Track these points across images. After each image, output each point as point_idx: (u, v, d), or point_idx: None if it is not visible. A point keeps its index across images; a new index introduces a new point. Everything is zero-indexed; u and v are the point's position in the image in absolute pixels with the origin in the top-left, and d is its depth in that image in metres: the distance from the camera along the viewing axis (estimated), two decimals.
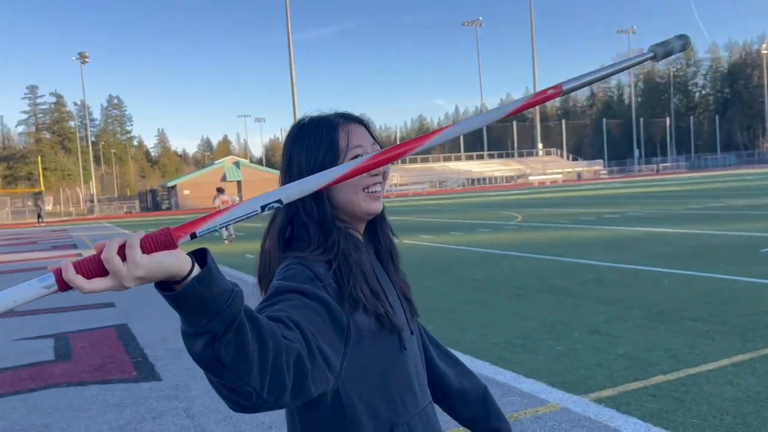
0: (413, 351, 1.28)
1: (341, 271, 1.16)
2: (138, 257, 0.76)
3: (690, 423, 3.43)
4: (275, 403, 0.96)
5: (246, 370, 0.88)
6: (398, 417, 1.19)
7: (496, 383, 4.27)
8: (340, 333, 1.09)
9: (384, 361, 1.19)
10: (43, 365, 5.43)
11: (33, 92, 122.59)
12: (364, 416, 1.15)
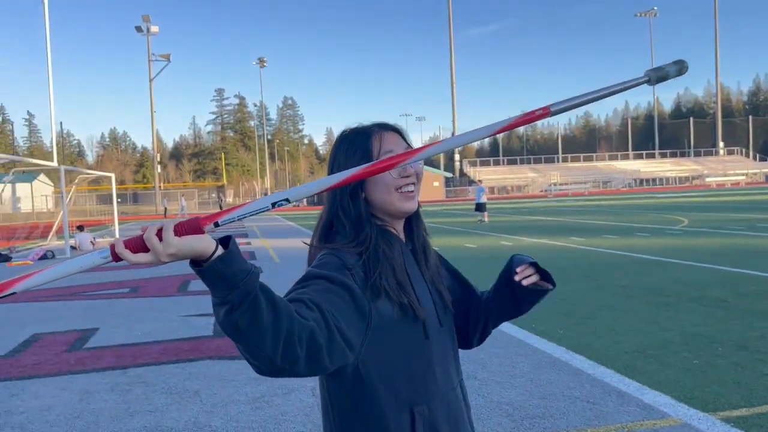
0: (440, 340, 1.38)
1: (370, 262, 1.31)
2: (171, 238, 0.97)
3: None
4: (291, 370, 1.13)
5: (260, 337, 1.06)
6: (419, 398, 1.31)
7: (617, 392, 4.14)
8: (361, 316, 1.24)
9: (407, 346, 1.31)
10: (201, 339, 6.13)
11: (220, 95, 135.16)
12: (383, 392, 1.28)
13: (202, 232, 1.00)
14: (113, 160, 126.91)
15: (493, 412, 3.89)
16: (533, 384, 4.39)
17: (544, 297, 1.49)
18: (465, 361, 4.64)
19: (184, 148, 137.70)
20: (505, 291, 1.49)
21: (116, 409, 4.22)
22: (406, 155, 1.09)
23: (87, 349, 5.97)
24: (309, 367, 1.16)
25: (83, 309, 8.14)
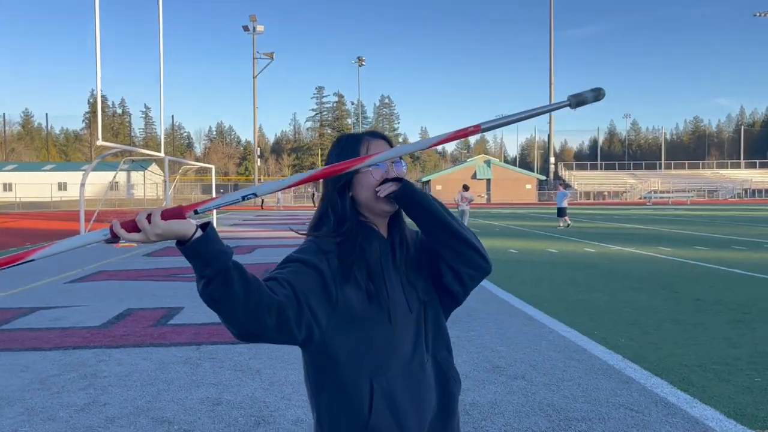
0: (407, 323, 1.55)
1: (345, 251, 1.50)
2: (158, 221, 1.21)
3: None
4: (261, 336, 1.36)
5: (232, 306, 1.29)
6: (379, 372, 1.49)
7: (665, 403, 4.10)
8: (328, 297, 1.44)
9: (371, 328, 1.50)
10: None
11: (320, 92, 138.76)
12: (346, 365, 1.47)
13: (183, 218, 1.24)
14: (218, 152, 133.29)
15: (532, 412, 3.97)
16: (580, 388, 4.41)
17: (410, 202, 1.53)
18: (517, 362, 4.70)
19: (285, 143, 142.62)
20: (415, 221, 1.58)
21: (185, 379, 4.64)
22: (354, 162, 1.28)
23: (170, 325, 6.51)
24: (278, 335, 1.37)
25: (174, 289, 8.81)
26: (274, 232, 21.91)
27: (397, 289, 1.56)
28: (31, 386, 4.47)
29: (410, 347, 1.56)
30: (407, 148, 1.24)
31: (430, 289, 1.64)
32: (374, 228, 1.59)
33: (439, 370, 1.61)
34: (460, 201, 19.50)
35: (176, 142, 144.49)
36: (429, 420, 1.56)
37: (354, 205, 1.57)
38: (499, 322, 6.54)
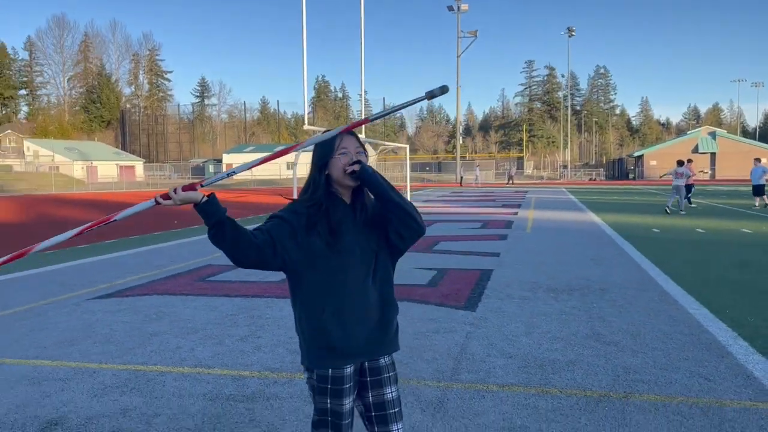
0: (357, 264, 2.23)
1: (312, 210, 2.24)
2: (180, 192, 2.08)
3: None
4: (250, 264, 2.16)
5: (227, 246, 2.11)
6: (332, 295, 2.21)
7: (746, 374, 4.16)
8: (296, 241, 2.20)
9: (329, 265, 2.22)
10: (414, 287, 7.38)
11: (530, 66, 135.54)
12: (308, 287, 2.22)
13: (195, 190, 2.09)
14: (429, 131, 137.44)
15: (602, 370, 4.31)
16: (665, 357, 4.60)
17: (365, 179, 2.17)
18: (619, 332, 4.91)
19: (492, 120, 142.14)
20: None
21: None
22: (285, 151, 2.03)
23: None
24: (261, 265, 2.17)
25: None
26: (460, 208, 22.76)
27: (354, 239, 2.26)
28: (213, 321, 5.86)
29: (360, 281, 2.26)
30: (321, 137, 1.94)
31: (381, 241, 2.31)
32: (340, 197, 2.30)
33: (381, 299, 2.29)
34: (674, 176, 18.65)
35: (390, 122, 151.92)
36: (370, 329, 2.26)
37: (329, 180, 2.30)
38: (629, 296, 6.67)
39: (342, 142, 2.26)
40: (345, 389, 2.23)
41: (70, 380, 4.25)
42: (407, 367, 4.45)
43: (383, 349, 2.31)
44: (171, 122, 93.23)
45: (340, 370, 2.22)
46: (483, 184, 50.71)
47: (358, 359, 2.25)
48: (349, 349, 2.21)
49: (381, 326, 2.28)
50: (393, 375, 2.34)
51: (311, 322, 2.24)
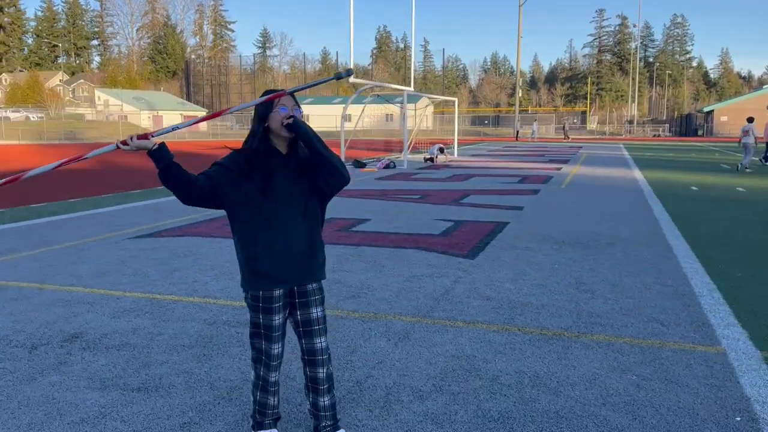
0: (288, 206, 2.65)
1: (252, 157, 2.67)
2: (135, 139, 2.55)
3: None
4: (195, 202, 2.63)
5: (172, 186, 2.58)
6: (265, 228, 2.66)
7: (708, 326, 4.42)
8: (233, 184, 2.64)
9: (262, 205, 2.66)
10: (426, 236, 7.79)
11: (600, 15, 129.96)
12: (243, 223, 2.67)
13: (148, 139, 2.55)
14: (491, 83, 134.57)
15: (567, 314, 4.66)
16: (634, 305, 4.89)
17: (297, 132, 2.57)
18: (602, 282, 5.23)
19: (559, 72, 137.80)
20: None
21: (334, 269, 6.19)
22: (218, 113, 2.46)
23: (349, 230, 8.19)
24: (203, 203, 2.63)
25: (376, 205, 10.57)
26: (504, 162, 22.74)
27: (286, 185, 2.68)
28: (232, 260, 6.45)
29: (289, 220, 2.69)
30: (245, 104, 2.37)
31: (311, 187, 2.74)
32: (276, 148, 2.72)
33: (308, 236, 2.72)
34: (742, 135, 18.19)
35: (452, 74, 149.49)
36: (296, 260, 2.70)
37: (267, 132, 2.72)
38: (630, 251, 6.88)
39: (280, 100, 2.66)
40: (274, 308, 2.70)
41: (95, 304, 4.92)
42: (389, 304, 4.92)
43: (308, 278, 2.74)
44: (233, 73, 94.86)
45: (269, 292, 2.68)
46: (540, 138, 49.84)
47: (285, 285, 2.70)
48: (276, 275, 2.66)
49: (307, 258, 2.72)
50: (319, 298, 2.79)
51: (245, 252, 2.70)
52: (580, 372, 3.61)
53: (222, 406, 3.19)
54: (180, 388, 3.39)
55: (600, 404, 3.20)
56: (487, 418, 3.06)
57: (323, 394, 2.81)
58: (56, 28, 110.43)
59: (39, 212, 9.93)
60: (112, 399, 3.26)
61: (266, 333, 2.72)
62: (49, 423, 3.00)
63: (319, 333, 2.78)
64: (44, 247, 7.12)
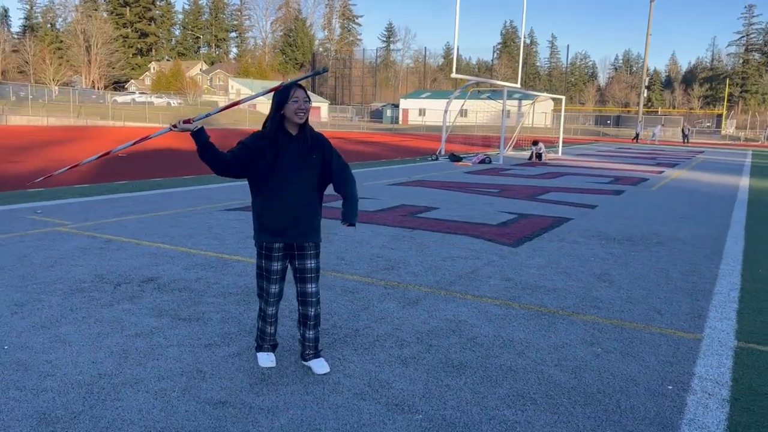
0: (294, 180, 3.36)
1: (267, 139, 3.42)
2: (181, 123, 3.38)
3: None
4: (223, 173, 3.41)
5: (208, 160, 3.39)
6: (270, 197, 3.40)
7: (700, 317, 4.68)
8: (253, 160, 3.40)
9: (270, 177, 3.39)
10: (483, 226, 8.27)
11: (750, 12, 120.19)
12: (258, 190, 3.44)
13: (190, 123, 3.38)
14: (621, 82, 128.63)
15: (573, 297, 5.06)
16: (643, 295, 5.18)
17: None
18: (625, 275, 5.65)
19: (698, 72, 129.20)
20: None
21: (382, 246, 6.91)
22: (236, 103, 3.24)
23: (414, 216, 8.84)
24: (229, 173, 3.41)
25: (450, 196, 11.13)
26: (607, 163, 22.26)
27: (293, 161, 3.41)
28: None
29: (292, 189, 3.42)
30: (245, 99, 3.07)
31: (314, 169, 3.44)
32: (289, 132, 3.45)
33: (307, 204, 3.43)
34: None
35: (580, 71, 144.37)
36: (293, 222, 3.42)
37: (283, 119, 3.46)
38: (676, 250, 7.02)
39: (295, 92, 3.39)
40: (273, 256, 3.45)
41: (175, 258, 5.95)
42: (415, 277, 5.55)
43: (303, 237, 3.46)
44: (357, 66, 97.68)
45: (271, 243, 3.43)
46: (661, 141, 47.42)
47: (283, 240, 3.43)
48: (276, 231, 3.41)
49: (303, 221, 3.44)
50: (313, 253, 3.50)
51: (255, 211, 3.47)
52: (551, 342, 4.07)
53: (242, 336, 4.00)
54: (215, 322, 4.25)
55: (552, 365, 3.68)
56: (448, 365, 3.64)
57: (310, 329, 3.53)
58: (200, 20, 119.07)
59: (155, 185, 11.43)
60: (163, 323, 4.17)
61: (266, 275, 3.48)
62: (113, 334, 3.96)
63: (311, 280, 3.50)
64: (151, 213, 8.39)
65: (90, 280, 5.14)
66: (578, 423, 3.01)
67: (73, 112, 46.61)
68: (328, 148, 3.49)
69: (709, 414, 3.13)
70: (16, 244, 6.33)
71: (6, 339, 3.82)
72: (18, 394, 3.10)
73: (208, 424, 2.87)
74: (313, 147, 3.44)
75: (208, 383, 3.31)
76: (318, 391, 3.27)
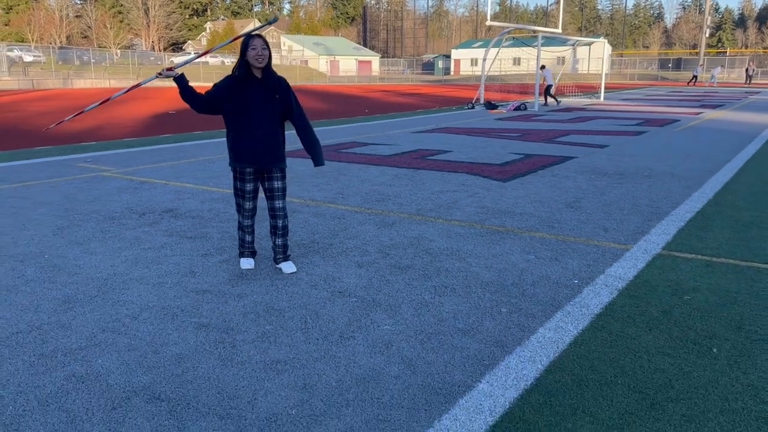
0: (259, 117, 4.09)
1: (236, 79, 4.16)
2: (165, 71, 4.17)
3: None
4: (202, 111, 4.19)
5: (187, 100, 4.17)
6: (239, 129, 4.15)
7: (659, 219, 5.23)
8: (225, 98, 4.16)
9: (240, 112, 4.14)
10: (485, 165, 8.84)
11: None
12: (229, 123, 4.20)
13: (172, 71, 4.15)
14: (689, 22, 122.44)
15: (534, 219, 5.66)
16: (602, 216, 5.73)
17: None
18: (594, 202, 6.30)
19: None
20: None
21: (381, 184, 7.62)
22: (207, 51, 3.97)
23: (425, 158, 9.48)
24: (208, 111, 4.18)
25: (468, 141, 11.67)
26: (648, 106, 21.99)
27: (258, 100, 4.14)
28: (317, 174, 8.12)
29: (258, 122, 4.16)
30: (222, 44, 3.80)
31: (277, 107, 4.16)
32: (254, 75, 4.17)
33: (271, 134, 4.17)
34: None
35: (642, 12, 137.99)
36: (261, 149, 4.17)
37: (247, 64, 4.18)
38: (661, 182, 7.45)
39: (252, 41, 4.10)
40: (246, 178, 4.22)
41: (196, 194, 6.86)
42: (400, 206, 6.26)
43: (271, 162, 4.20)
44: (409, 18, 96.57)
45: (243, 167, 4.21)
46: (721, 83, 45.53)
47: (252, 165, 4.18)
48: (246, 157, 4.17)
49: (268, 150, 4.18)
50: (279, 175, 4.26)
51: (228, 140, 4.24)
52: (493, 251, 4.74)
53: (234, 249, 4.84)
54: (215, 239, 5.11)
55: (484, 268, 4.36)
56: (395, 267, 4.38)
57: (279, 237, 4.33)
58: None
59: (192, 138, 12.44)
60: (172, 241, 5.06)
61: (240, 193, 4.27)
62: (130, 248, 4.87)
63: (278, 197, 4.27)
64: (184, 160, 9.35)
65: (121, 211, 6.10)
66: (481, 303, 3.71)
67: (132, 74, 48.61)
68: (287, 89, 4.20)
69: (595, 298, 3.77)
70: (65, 185, 7.38)
71: (46, 251, 4.80)
72: (50, 285, 4.05)
73: (188, 304, 3.73)
74: (275, 87, 4.15)
75: (197, 279, 4.17)
76: (281, 283, 4.08)
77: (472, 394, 2.69)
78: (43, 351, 3.11)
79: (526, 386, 2.75)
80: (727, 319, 3.48)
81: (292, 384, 2.78)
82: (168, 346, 3.16)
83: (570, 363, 2.97)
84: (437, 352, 3.09)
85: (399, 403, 2.63)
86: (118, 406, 2.60)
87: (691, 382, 2.78)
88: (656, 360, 2.99)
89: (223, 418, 2.52)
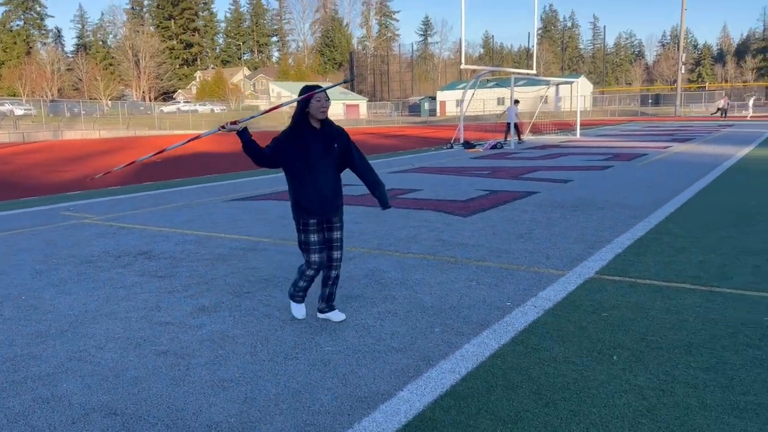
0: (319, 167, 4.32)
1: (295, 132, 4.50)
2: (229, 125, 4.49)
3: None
4: (264, 165, 4.48)
5: (250, 155, 4.49)
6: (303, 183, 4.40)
7: (582, 258, 5.64)
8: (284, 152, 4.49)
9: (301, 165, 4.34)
10: (450, 202, 9.29)
11: None
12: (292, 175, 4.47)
13: (236, 124, 4.53)
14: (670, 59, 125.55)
15: (483, 250, 6.07)
16: (547, 246, 6.15)
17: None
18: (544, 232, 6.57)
19: (751, 43, 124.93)
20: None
21: (347, 222, 8.05)
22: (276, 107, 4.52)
23: (393, 198, 9.93)
24: (269, 164, 4.46)
25: (439, 179, 12.16)
26: (618, 142, 22.68)
27: (318, 151, 4.41)
28: (285, 215, 8.52)
29: (320, 174, 4.36)
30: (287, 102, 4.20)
31: (336, 158, 4.45)
32: (313, 126, 4.50)
33: (333, 186, 4.38)
34: None
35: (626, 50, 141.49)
36: (324, 201, 4.39)
37: (307, 115, 4.52)
38: (611, 212, 7.90)
39: (318, 95, 4.43)
40: (311, 230, 4.38)
41: (170, 237, 7.25)
42: (361, 242, 6.66)
43: (333, 213, 4.38)
44: (395, 61, 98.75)
45: (307, 220, 4.46)
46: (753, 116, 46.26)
47: (317, 216, 4.34)
48: (311, 210, 4.32)
49: (331, 200, 4.32)
50: (339, 225, 4.33)
51: (292, 194, 4.46)
52: (439, 279, 5.14)
53: (199, 284, 5.21)
54: (183, 278, 5.48)
55: (428, 294, 4.75)
56: (347, 296, 4.76)
57: (330, 286, 4.34)
58: (242, 27, 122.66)
59: (172, 185, 12.89)
60: (143, 280, 5.43)
61: (306, 247, 4.31)
62: (103, 288, 5.24)
63: (337, 248, 4.33)
64: (163, 206, 9.77)
65: (98, 254, 6.48)
66: (417, 325, 4.09)
67: (122, 124, 49.42)
68: (345, 137, 4.38)
69: (522, 317, 4.16)
70: (47, 232, 7.77)
71: (24, 293, 5.16)
72: (25, 322, 4.40)
73: (151, 334, 4.09)
74: (334, 137, 4.33)
75: (162, 312, 4.53)
76: (237, 314, 4.45)
77: (393, 401, 3.05)
78: (15, 378, 3.46)
79: (441, 393, 3.12)
80: (635, 331, 3.88)
81: (234, 398, 3.14)
82: (128, 371, 3.51)
83: (485, 372, 3.34)
84: (369, 367, 3.46)
85: (327, 410, 2.99)
86: (77, 421, 2.95)
87: (586, 384, 3.16)
88: (561, 367, 3.37)
89: (169, 427, 2.87)
